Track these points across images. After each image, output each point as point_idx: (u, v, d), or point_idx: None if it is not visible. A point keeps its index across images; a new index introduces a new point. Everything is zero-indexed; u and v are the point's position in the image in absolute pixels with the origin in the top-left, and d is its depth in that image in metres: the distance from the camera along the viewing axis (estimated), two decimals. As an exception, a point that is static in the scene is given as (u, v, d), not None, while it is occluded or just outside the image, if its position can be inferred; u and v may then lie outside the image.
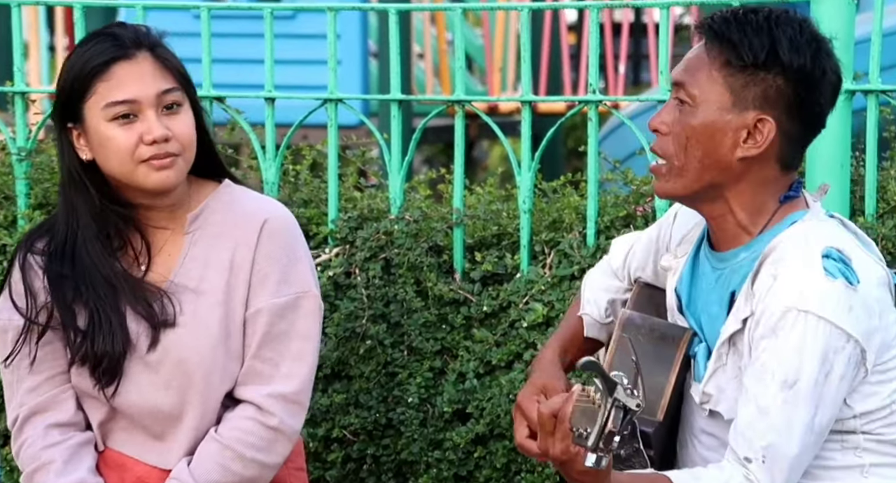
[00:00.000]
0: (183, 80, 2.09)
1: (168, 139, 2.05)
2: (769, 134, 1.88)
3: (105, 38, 2.08)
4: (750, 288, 1.88)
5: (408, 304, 2.71)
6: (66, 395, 2.15)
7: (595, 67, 2.66)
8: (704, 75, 1.88)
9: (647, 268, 2.11)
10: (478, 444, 2.66)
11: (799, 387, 1.81)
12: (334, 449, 2.75)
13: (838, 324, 1.82)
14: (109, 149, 2.05)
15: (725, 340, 1.90)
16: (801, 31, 1.88)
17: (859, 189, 2.58)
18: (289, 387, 2.10)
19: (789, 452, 1.82)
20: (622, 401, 1.67)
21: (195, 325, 2.10)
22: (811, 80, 1.87)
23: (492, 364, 2.67)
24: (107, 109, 2.04)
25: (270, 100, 2.83)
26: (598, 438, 1.68)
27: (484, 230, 2.77)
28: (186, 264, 2.12)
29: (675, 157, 1.90)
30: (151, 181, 2.06)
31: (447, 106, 2.82)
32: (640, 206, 2.68)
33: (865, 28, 2.60)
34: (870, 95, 2.52)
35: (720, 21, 1.88)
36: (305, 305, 2.12)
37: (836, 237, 1.89)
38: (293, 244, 2.13)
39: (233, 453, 2.08)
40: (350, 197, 2.89)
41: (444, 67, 6.35)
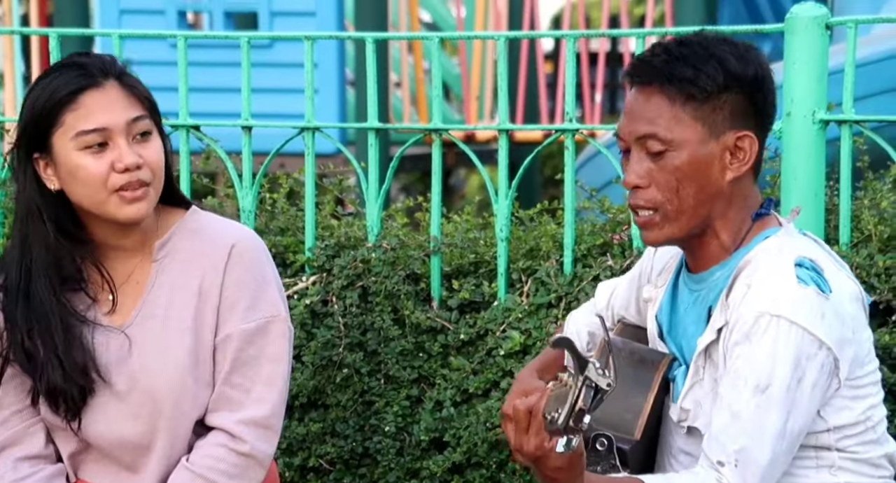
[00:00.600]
0: (151, 108, 2.08)
1: (140, 166, 2.04)
2: (752, 147, 1.91)
3: (70, 68, 2.06)
4: (725, 300, 1.90)
5: (385, 332, 2.70)
6: (35, 428, 2.13)
7: (572, 96, 2.67)
8: (669, 118, 1.90)
9: (631, 306, 2.12)
10: (455, 473, 2.66)
11: (771, 392, 1.82)
12: (311, 478, 2.73)
13: (811, 330, 1.83)
14: (80, 178, 2.04)
15: (702, 352, 1.92)
16: (737, 45, 1.93)
17: (833, 218, 2.60)
18: (260, 412, 2.09)
19: (761, 457, 1.83)
20: (593, 379, 1.68)
21: (162, 352, 2.08)
22: (764, 85, 1.92)
23: (469, 392, 2.67)
24: (77, 138, 2.03)
25: (247, 128, 2.83)
26: (567, 416, 1.68)
27: (461, 258, 2.77)
28: (154, 291, 2.10)
29: (668, 202, 1.91)
30: (123, 213, 2.05)
31: (424, 134, 2.83)
32: (616, 234, 2.69)
33: (839, 59, 2.62)
34: (843, 125, 2.55)
35: (661, 64, 1.90)
36: (275, 329, 2.10)
37: (809, 249, 1.92)
38: (261, 268, 2.12)
39: (205, 482, 2.07)
40: (327, 225, 2.89)
41: (421, 96, 6.37)
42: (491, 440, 2.62)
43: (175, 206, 2.15)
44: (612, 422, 1.93)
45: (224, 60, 4.93)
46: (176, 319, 2.09)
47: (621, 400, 1.94)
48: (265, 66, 5.04)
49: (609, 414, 1.93)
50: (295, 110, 3.15)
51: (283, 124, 2.85)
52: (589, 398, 1.68)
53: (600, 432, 1.90)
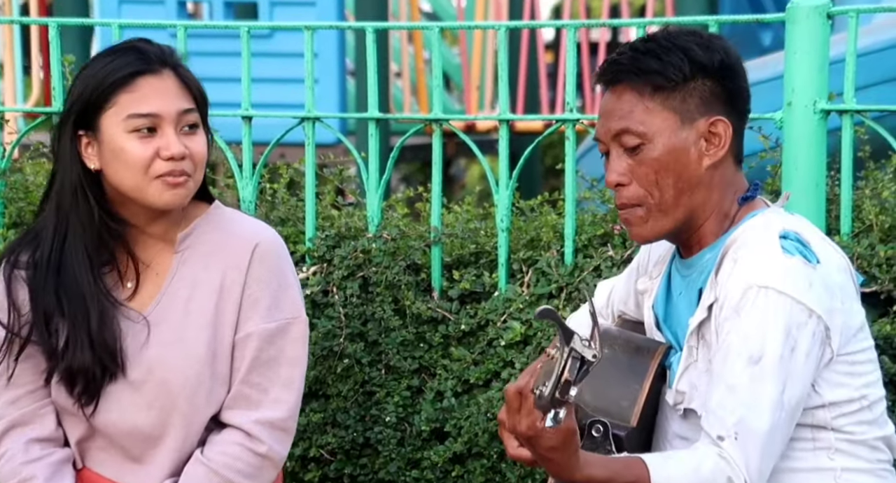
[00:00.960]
0: (201, 102, 2.10)
1: (185, 157, 2.05)
2: (726, 132, 1.93)
3: (130, 52, 2.07)
4: (714, 278, 1.91)
5: (385, 323, 2.70)
6: (46, 409, 2.13)
7: (572, 86, 2.67)
8: (641, 111, 1.92)
9: (630, 300, 2.13)
10: (456, 463, 2.66)
11: (764, 362, 1.83)
12: (311, 468, 2.73)
13: (799, 298, 1.84)
14: (123, 161, 2.04)
15: (694, 331, 1.93)
16: (700, 35, 1.95)
17: (835, 208, 2.60)
18: (277, 413, 2.09)
19: (760, 427, 1.83)
20: (578, 351, 1.69)
21: (181, 345, 2.08)
22: (732, 71, 1.95)
23: (470, 382, 2.67)
24: (128, 121, 2.04)
25: (247, 118, 2.83)
26: (554, 388, 1.69)
27: (462, 248, 2.77)
28: (175, 284, 2.10)
29: (650, 195, 1.93)
30: (163, 199, 2.05)
31: (425, 124, 2.83)
32: (617, 225, 2.69)
33: (840, 48, 2.62)
34: (845, 115, 2.54)
35: (628, 60, 1.93)
36: (294, 331, 2.11)
37: (795, 223, 1.94)
38: (284, 269, 2.13)
39: (221, 479, 2.06)
40: (327, 215, 2.89)
41: (421, 86, 6.36)
42: (492, 430, 2.62)
43: (199, 199, 2.15)
44: (608, 409, 1.93)
45: (224, 50, 4.92)
46: (196, 314, 2.09)
47: (617, 387, 1.95)
48: (265, 56, 5.03)
49: (605, 401, 1.94)
50: (295, 100, 3.14)
51: (283, 114, 2.85)
52: (575, 369, 1.69)
53: (596, 419, 1.91)
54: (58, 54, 2.85)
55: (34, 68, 6.59)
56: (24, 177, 2.96)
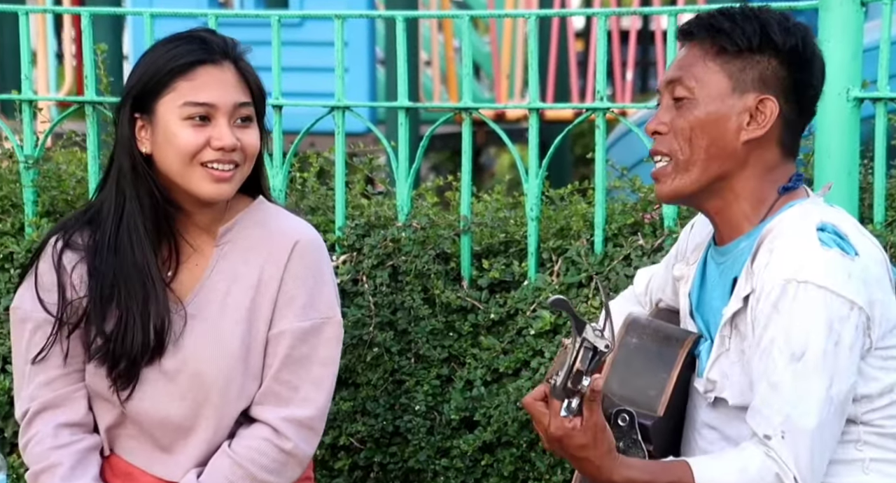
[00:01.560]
0: (258, 98, 2.11)
1: (235, 149, 2.06)
2: (772, 113, 1.91)
3: (193, 40, 2.09)
4: (750, 267, 1.89)
5: (415, 312, 2.71)
6: (79, 393, 2.14)
7: (603, 74, 2.66)
8: (700, 67, 1.92)
9: (667, 287, 2.12)
10: (485, 452, 2.66)
11: (807, 358, 1.81)
12: (341, 457, 2.74)
13: (839, 292, 1.82)
14: (174, 145, 2.05)
15: (728, 321, 1.91)
16: (787, 18, 1.94)
17: (868, 197, 2.58)
18: (305, 412, 2.09)
19: (808, 425, 1.81)
20: (590, 341, 1.68)
21: (216, 338, 2.09)
22: (803, 61, 1.92)
23: (499, 372, 2.67)
24: (183, 108, 2.05)
25: (278, 107, 2.83)
26: (566, 378, 1.68)
27: (491, 237, 2.76)
28: (213, 277, 2.11)
29: (680, 151, 1.92)
30: (205, 189, 2.06)
31: (454, 113, 2.82)
32: (647, 214, 2.68)
33: (874, 35, 2.59)
34: (878, 103, 2.52)
35: (707, 17, 1.94)
36: (328, 331, 2.11)
37: (833, 215, 1.92)
38: (322, 268, 2.13)
39: (244, 472, 2.07)
40: (357, 204, 2.89)
41: (451, 74, 6.35)
42: (521, 419, 2.62)
43: (245, 193, 2.16)
44: (635, 398, 1.92)
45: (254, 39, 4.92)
46: (233, 308, 2.10)
47: (645, 377, 1.94)
48: (295, 45, 5.04)
49: (632, 390, 1.93)
50: (325, 89, 3.15)
51: (313, 103, 2.85)
52: (587, 359, 1.69)
53: (622, 408, 1.90)
54: (90, 43, 2.87)
55: (67, 57, 6.63)
56: (56, 165, 2.98)
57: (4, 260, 2.92)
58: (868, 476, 1.88)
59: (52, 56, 6.36)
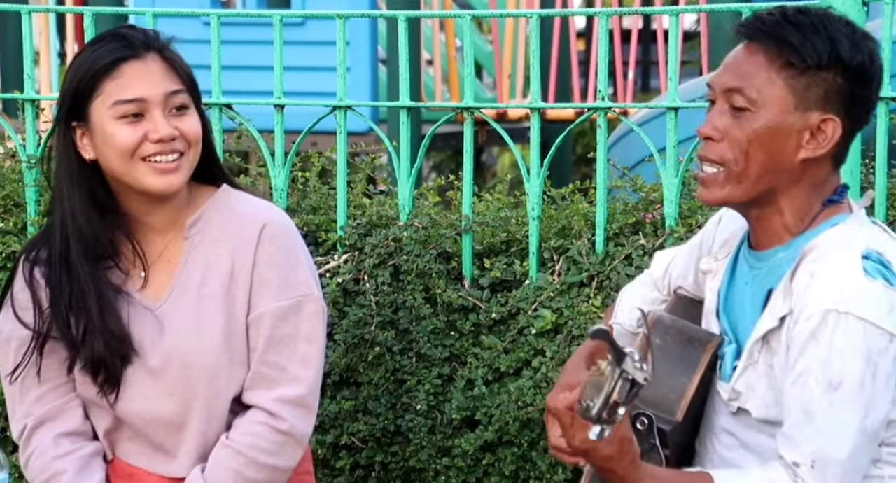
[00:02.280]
0: (190, 84, 2.09)
1: (174, 138, 2.05)
2: (834, 133, 1.86)
3: (114, 39, 2.08)
4: (789, 285, 1.86)
5: (416, 311, 2.71)
6: (73, 403, 2.14)
7: (604, 74, 2.66)
8: (763, 79, 1.86)
9: (689, 276, 2.09)
10: (486, 451, 2.66)
11: (844, 388, 1.79)
12: (343, 456, 2.74)
13: (879, 324, 1.80)
14: (111, 146, 2.05)
15: (759, 339, 1.89)
16: (854, 30, 1.87)
17: (869, 196, 2.58)
18: (296, 390, 2.09)
19: (839, 456, 1.80)
20: (630, 372, 1.66)
21: (197, 330, 2.10)
22: (868, 77, 1.87)
23: (500, 371, 2.67)
24: (114, 107, 2.04)
25: (280, 106, 2.83)
26: (601, 408, 1.67)
27: (493, 237, 2.77)
28: (187, 269, 2.11)
29: (735, 162, 1.87)
30: (152, 183, 2.05)
31: (456, 113, 2.83)
32: (649, 213, 2.68)
33: (875, 35, 2.59)
34: (880, 103, 2.52)
35: (772, 24, 1.86)
36: (308, 308, 2.11)
37: (878, 240, 1.88)
38: (292, 248, 2.12)
39: (246, 459, 2.08)
40: (359, 203, 2.89)
41: (453, 74, 6.35)
42: (522, 419, 2.62)
43: (208, 183, 2.16)
44: (654, 401, 1.90)
45: (257, 39, 4.94)
46: (209, 298, 2.10)
47: (666, 379, 1.91)
48: (298, 45, 5.04)
49: (652, 393, 1.90)
50: (327, 89, 3.15)
51: (315, 103, 2.85)
52: (625, 391, 1.66)
53: (641, 411, 1.88)
54: (92, 43, 2.87)
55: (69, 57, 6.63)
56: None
57: (7, 259, 2.92)
58: None
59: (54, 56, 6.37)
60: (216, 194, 2.15)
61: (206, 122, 2.11)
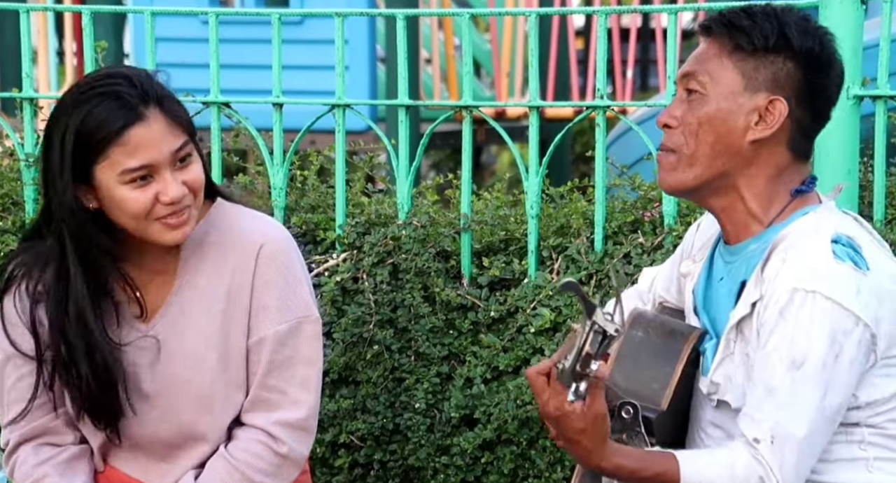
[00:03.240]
0: (190, 129, 2.04)
1: (185, 196, 2.01)
2: (780, 114, 1.90)
3: (110, 98, 1.99)
4: (760, 274, 1.89)
5: (415, 310, 2.71)
6: (59, 421, 2.12)
7: (603, 73, 2.66)
8: (714, 63, 1.91)
9: (672, 287, 2.12)
10: (485, 450, 2.66)
11: (806, 367, 1.81)
12: (341, 454, 2.74)
13: (846, 305, 1.82)
14: (123, 209, 2.01)
15: (733, 326, 1.91)
16: (807, 19, 1.92)
17: (868, 195, 2.58)
18: (296, 414, 2.08)
19: (797, 433, 1.82)
20: (600, 324, 1.67)
21: (192, 357, 2.07)
22: (819, 65, 1.90)
23: (499, 369, 2.67)
24: (123, 175, 1.99)
25: (278, 105, 2.83)
26: (574, 361, 1.68)
27: (491, 235, 2.77)
28: (182, 292, 2.08)
29: (686, 145, 1.92)
30: (166, 239, 2.03)
31: (455, 111, 2.82)
32: (647, 212, 2.68)
33: (874, 33, 2.59)
34: (878, 101, 2.52)
35: (728, 14, 1.92)
36: (307, 330, 2.09)
37: (848, 226, 1.90)
38: (291, 268, 2.09)
39: (241, 476, 2.07)
40: (357, 202, 2.89)
41: (451, 73, 6.35)
42: (521, 417, 2.62)
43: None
44: (639, 391, 1.92)
45: (255, 37, 4.93)
46: (205, 320, 2.07)
47: (649, 370, 1.94)
48: (296, 43, 5.03)
49: (636, 383, 1.93)
50: (325, 87, 3.15)
51: (313, 101, 2.85)
52: (596, 343, 1.68)
53: (626, 401, 1.90)
54: (91, 41, 2.87)
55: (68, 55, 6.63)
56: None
57: (5, 258, 2.92)
58: (872, 474, 1.88)
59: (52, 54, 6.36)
60: (210, 212, 2.10)
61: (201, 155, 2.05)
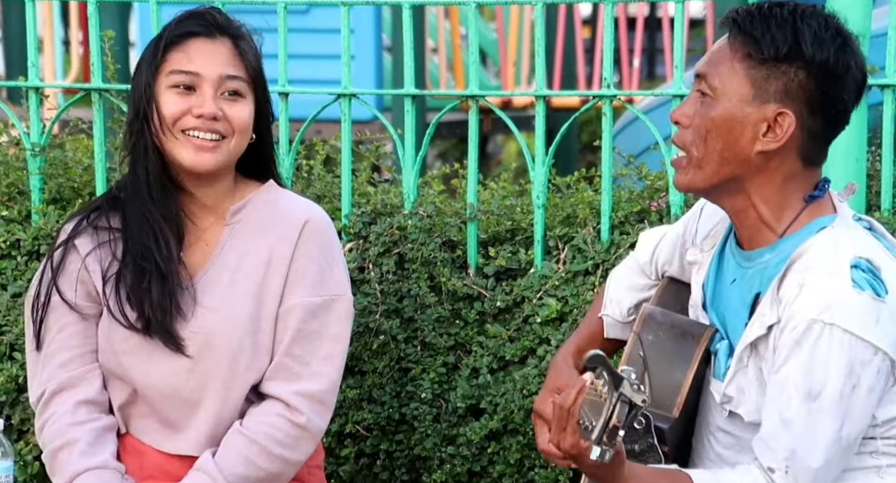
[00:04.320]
0: (255, 76, 2.14)
1: (217, 118, 2.09)
2: (789, 128, 1.86)
3: (196, 16, 2.15)
4: (776, 293, 1.86)
5: (421, 300, 2.71)
6: (94, 373, 2.17)
7: (609, 62, 2.65)
8: (726, 67, 1.88)
9: (674, 262, 2.10)
10: (491, 440, 2.66)
11: (823, 399, 1.80)
12: (347, 444, 2.75)
13: (864, 337, 1.80)
14: (158, 112, 2.10)
15: (748, 345, 1.89)
16: (826, 26, 1.87)
17: (875, 184, 2.57)
18: (317, 385, 2.11)
19: (813, 464, 1.81)
20: (628, 396, 1.67)
21: (225, 312, 2.12)
22: (834, 75, 1.86)
23: (505, 359, 2.67)
24: (170, 76, 2.11)
25: (284, 94, 2.83)
26: (601, 432, 1.68)
27: (498, 225, 2.76)
28: (224, 254, 2.14)
29: (695, 148, 1.90)
30: (186, 157, 2.10)
31: (461, 101, 2.82)
32: (654, 201, 2.68)
33: (882, 22, 2.58)
34: (886, 90, 2.51)
35: (744, 14, 1.88)
36: (338, 308, 2.14)
37: (865, 246, 1.87)
38: (330, 247, 2.16)
39: (259, 448, 2.09)
40: (363, 192, 2.89)
41: (457, 62, 6.34)
42: (527, 407, 2.62)
43: (257, 178, 2.19)
44: (651, 398, 1.91)
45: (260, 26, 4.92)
46: (242, 283, 2.13)
47: (661, 376, 1.92)
48: (302, 32, 5.03)
49: (648, 390, 1.91)
50: (331, 76, 3.14)
51: (319, 91, 2.85)
52: (623, 414, 1.67)
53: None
54: (97, 30, 2.87)
55: (73, 44, 6.63)
56: (63, 153, 2.97)
57: (11, 247, 2.92)
58: (883, 480, 1.88)
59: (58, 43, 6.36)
60: (262, 187, 2.19)
61: (266, 116, 2.14)
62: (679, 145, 1.92)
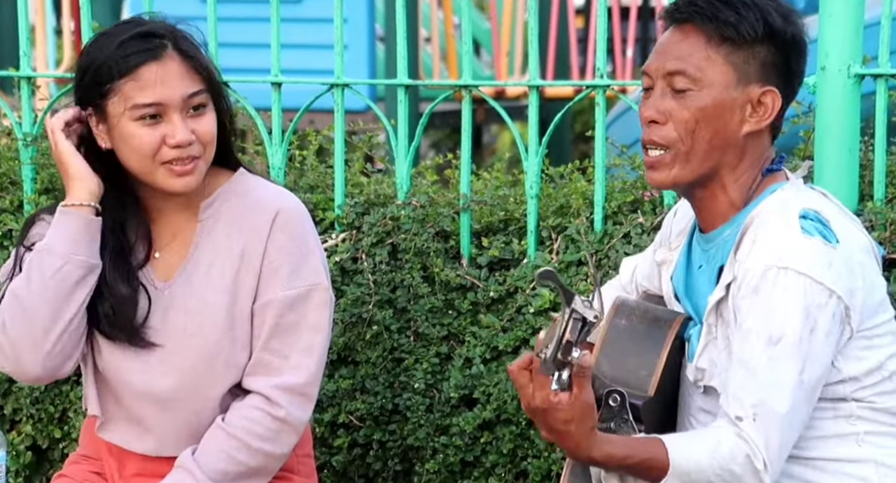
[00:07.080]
0: (209, 77, 2.08)
1: (191, 143, 2.05)
2: (775, 105, 1.91)
3: (133, 35, 2.05)
4: (734, 256, 1.90)
5: (414, 290, 2.70)
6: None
7: (603, 51, 2.65)
8: (702, 57, 1.90)
9: (654, 276, 2.13)
10: (484, 430, 2.66)
11: (783, 343, 1.82)
12: (340, 434, 2.75)
13: (818, 279, 1.83)
14: (131, 146, 2.06)
15: (712, 309, 1.91)
16: (780, 4, 1.93)
17: (868, 174, 2.57)
18: (297, 378, 2.09)
19: (779, 408, 1.83)
20: (579, 311, 1.69)
21: (201, 312, 2.10)
22: (800, 48, 1.92)
23: (498, 349, 2.67)
24: (132, 110, 2.04)
25: (277, 84, 2.82)
26: (555, 350, 1.69)
27: (491, 215, 2.76)
28: (197, 252, 2.12)
29: (681, 142, 1.91)
30: (171, 185, 2.07)
31: (454, 91, 2.81)
32: (647, 192, 2.68)
33: (875, 11, 2.58)
34: (879, 79, 2.51)
35: (706, 4, 1.90)
36: (316, 298, 2.11)
37: (815, 201, 1.92)
38: (305, 236, 2.13)
39: (239, 443, 2.08)
40: (356, 182, 2.88)
41: (451, 52, 6.33)
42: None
43: (224, 166, 2.16)
44: (625, 379, 1.93)
45: (253, 16, 4.91)
46: (217, 280, 2.11)
47: (635, 358, 1.94)
48: (295, 22, 5.02)
49: (622, 371, 1.94)
50: (324, 66, 3.13)
51: (312, 81, 2.84)
52: (576, 330, 1.69)
53: (613, 389, 1.90)
54: (88, 19, 2.86)
55: (66, 33, 6.61)
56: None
57: (4, 237, 2.92)
58: (862, 448, 1.89)
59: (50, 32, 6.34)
60: (232, 179, 2.15)
61: (225, 109, 2.11)
62: (659, 143, 1.92)
